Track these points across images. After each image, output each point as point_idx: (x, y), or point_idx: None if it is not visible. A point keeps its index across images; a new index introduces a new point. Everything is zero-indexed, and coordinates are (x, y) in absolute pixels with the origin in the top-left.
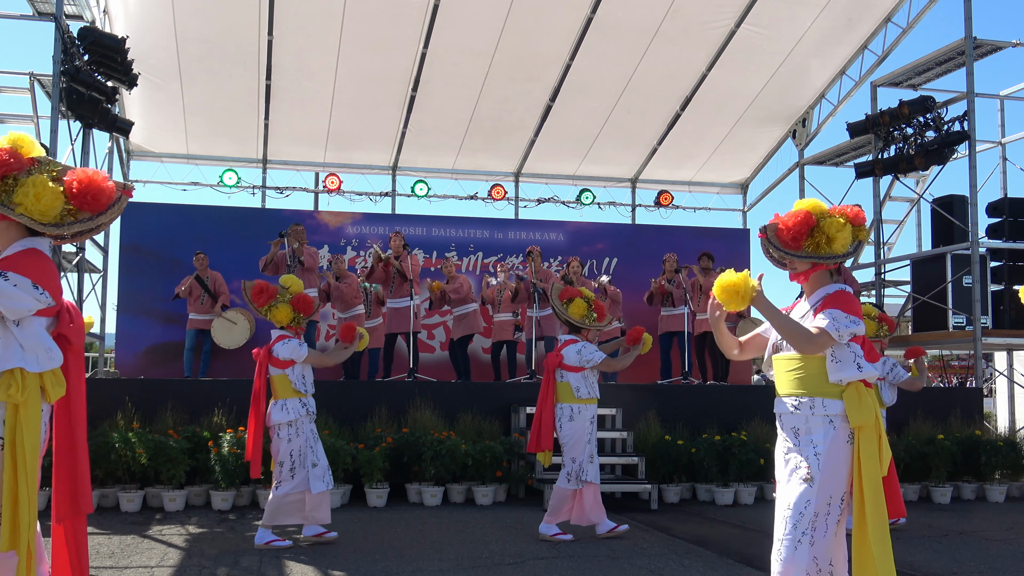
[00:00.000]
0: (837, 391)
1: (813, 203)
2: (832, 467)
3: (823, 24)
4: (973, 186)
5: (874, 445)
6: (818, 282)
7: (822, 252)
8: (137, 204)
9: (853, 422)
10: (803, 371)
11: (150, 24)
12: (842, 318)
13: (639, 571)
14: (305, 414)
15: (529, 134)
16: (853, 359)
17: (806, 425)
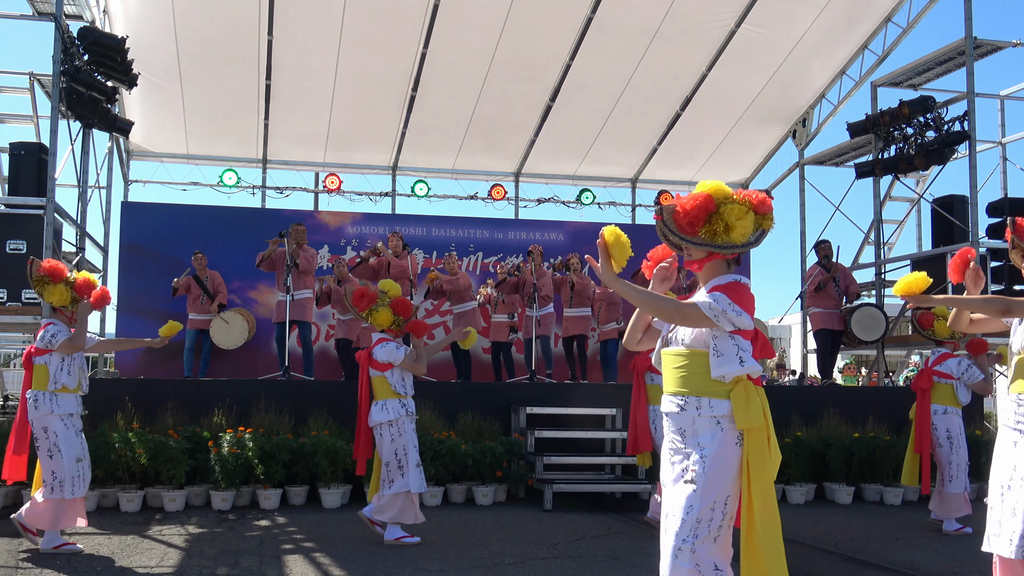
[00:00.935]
0: (724, 390)
1: (716, 186)
2: (718, 469)
3: (823, 24)
4: (973, 186)
5: (763, 447)
6: (713, 272)
7: (719, 240)
8: (137, 204)
9: (740, 424)
10: (688, 368)
11: (150, 24)
12: (724, 301)
13: (639, 571)
14: (405, 414)
15: (529, 134)
16: (736, 352)
17: (693, 427)
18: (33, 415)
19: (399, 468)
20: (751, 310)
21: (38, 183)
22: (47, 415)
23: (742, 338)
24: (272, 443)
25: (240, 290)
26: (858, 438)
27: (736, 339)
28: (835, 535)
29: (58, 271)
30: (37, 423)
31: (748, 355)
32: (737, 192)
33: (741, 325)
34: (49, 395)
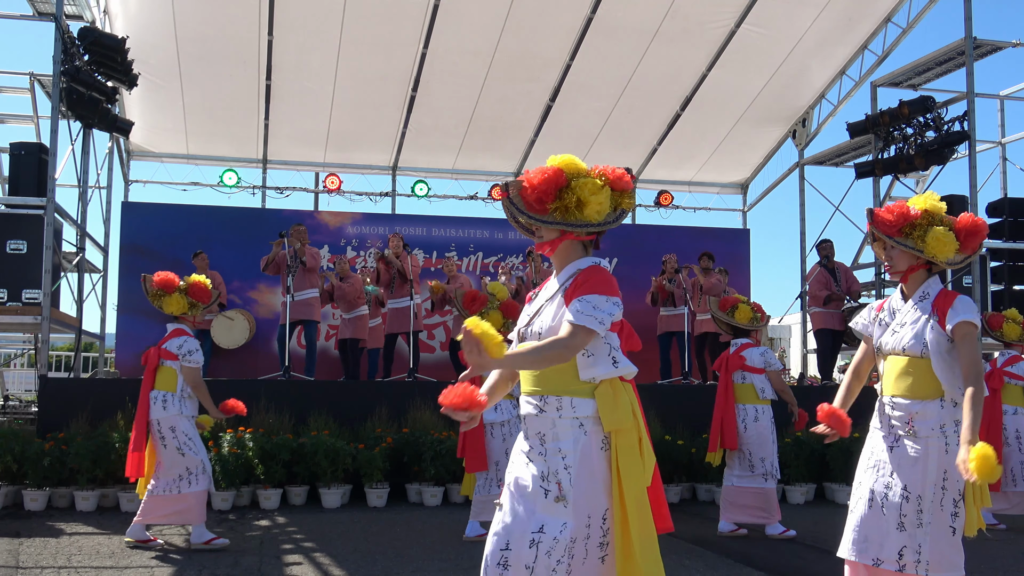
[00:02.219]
0: (588, 389)
1: (567, 159)
2: (586, 480)
3: (823, 24)
4: (973, 186)
5: (634, 451)
6: (567, 255)
7: (571, 218)
8: (137, 204)
9: (607, 425)
10: None
11: (150, 24)
12: (602, 303)
13: None
14: (517, 415)
15: (529, 134)
16: (608, 352)
17: (552, 430)
18: (160, 415)
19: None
20: (619, 292)
21: (38, 183)
22: (176, 415)
23: (613, 334)
24: (272, 443)
25: (240, 290)
26: (859, 438)
27: (609, 337)
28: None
29: (170, 282)
30: (164, 423)
31: (620, 353)
32: (594, 167)
33: (617, 318)
34: (178, 397)
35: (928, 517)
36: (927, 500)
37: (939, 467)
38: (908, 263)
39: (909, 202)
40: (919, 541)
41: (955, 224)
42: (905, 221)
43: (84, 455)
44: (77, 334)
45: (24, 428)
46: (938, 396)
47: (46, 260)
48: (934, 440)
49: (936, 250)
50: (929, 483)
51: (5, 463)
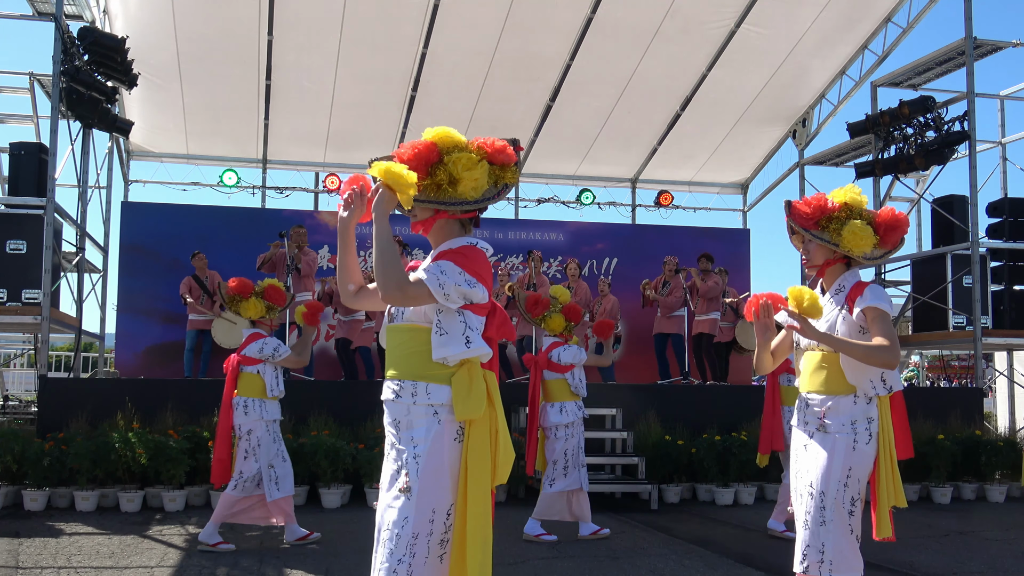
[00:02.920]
0: (445, 374)
1: (442, 132)
2: (434, 473)
3: (823, 24)
4: (973, 186)
5: (485, 445)
6: (442, 235)
7: (444, 196)
8: (137, 204)
9: (458, 413)
10: (408, 346)
11: (150, 24)
12: (453, 272)
13: (639, 571)
14: (581, 416)
15: (529, 134)
16: (462, 331)
17: (407, 417)
18: (241, 420)
19: (564, 469)
20: (487, 280)
21: (38, 183)
22: (256, 420)
23: (473, 314)
24: None
25: None
26: None
27: (465, 315)
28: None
29: (245, 287)
30: (244, 427)
31: (477, 335)
32: (474, 139)
33: (474, 298)
34: (260, 402)
35: (830, 515)
36: (830, 497)
37: (844, 464)
38: (824, 257)
39: (830, 194)
40: (822, 540)
41: (875, 218)
42: (822, 214)
43: (84, 455)
44: (77, 334)
45: (24, 428)
46: (851, 392)
47: (46, 260)
48: (843, 436)
49: (852, 244)
50: (833, 479)
51: (5, 463)
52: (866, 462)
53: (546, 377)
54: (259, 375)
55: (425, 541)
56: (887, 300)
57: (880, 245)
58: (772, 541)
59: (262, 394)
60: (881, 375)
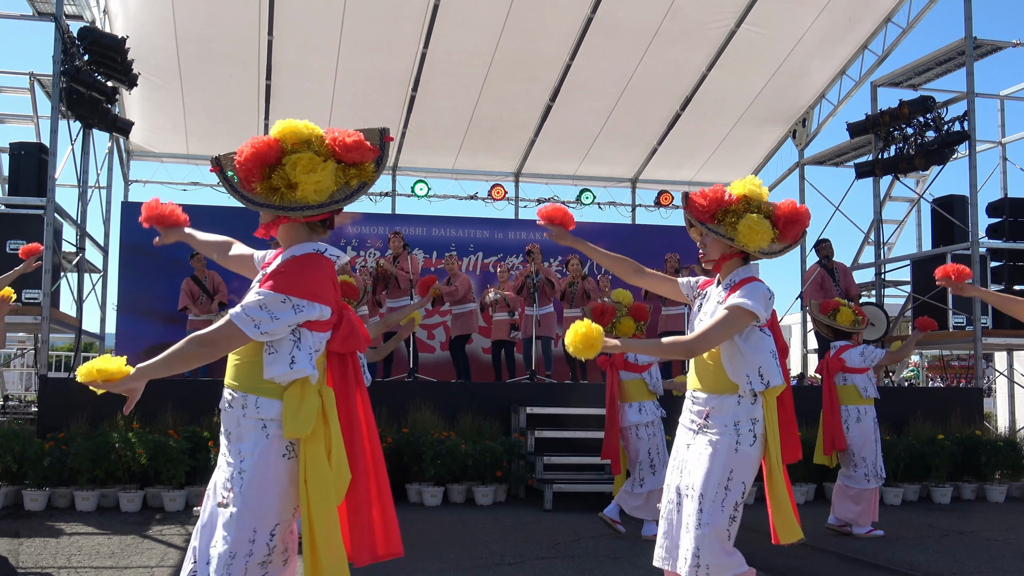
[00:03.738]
0: (277, 388)
1: (287, 128)
2: (258, 489)
3: (823, 24)
4: (973, 186)
5: (321, 461)
6: (288, 239)
7: (284, 201)
8: (137, 204)
9: (285, 431)
10: (243, 355)
11: (150, 24)
12: (274, 304)
13: (639, 571)
14: (661, 416)
15: (529, 134)
16: (289, 351)
17: (237, 429)
18: None
19: (651, 467)
20: (326, 294)
21: (38, 183)
22: None
23: (310, 331)
24: None
25: (240, 290)
26: None
27: (301, 333)
28: (835, 535)
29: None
30: None
31: (305, 356)
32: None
33: (304, 320)
34: None
35: (707, 518)
36: (708, 500)
37: (725, 465)
38: (720, 251)
39: (730, 186)
40: (698, 544)
41: (774, 211)
42: (718, 206)
43: (84, 455)
44: (77, 334)
45: (24, 428)
46: (734, 390)
47: (46, 260)
48: (725, 437)
49: (747, 239)
50: (713, 481)
51: (5, 463)
52: (749, 464)
53: (623, 378)
54: None
55: (243, 562)
56: (758, 300)
57: (780, 239)
58: None
59: None
60: (758, 369)
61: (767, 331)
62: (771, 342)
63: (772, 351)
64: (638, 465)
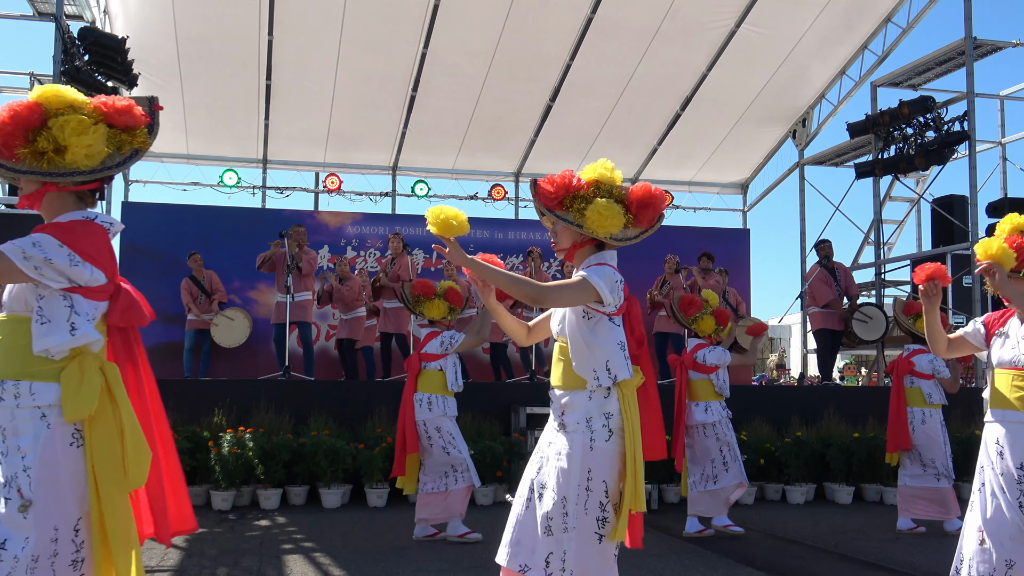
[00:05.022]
0: (52, 370)
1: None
2: (49, 485)
3: (823, 24)
4: (973, 186)
5: (113, 444)
6: (53, 209)
7: (51, 166)
8: (137, 204)
9: (67, 414)
10: (8, 340)
11: (150, 24)
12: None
13: (639, 571)
14: (728, 416)
15: (529, 134)
16: (67, 318)
17: (12, 423)
18: (425, 416)
19: (724, 464)
20: (103, 260)
21: None
22: (441, 416)
23: (84, 298)
24: (272, 443)
25: (240, 290)
26: (858, 438)
27: (73, 299)
28: (835, 535)
29: (428, 288)
30: (430, 424)
31: (85, 321)
32: (93, 99)
33: (79, 279)
34: (443, 398)
35: (573, 521)
36: (571, 502)
37: (583, 465)
38: (571, 240)
39: (581, 171)
40: (564, 548)
41: (627, 195)
42: (567, 192)
43: None
44: None
45: None
46: (583, 386)
47: None
48: (579, 435)
49: (596, 224)
50: (573, 483)
51: None
52: (607, 462)
53: (691, 377)
54: (441, 371)
55: (48, 564)
56: (604, 280)
57: (634, 224)
58: (772, 541)
59: (443, 390)
60: (605, 363)
61: (616, 321)
62: (620, 333)
63: (620, 343)
64: (710, 463)
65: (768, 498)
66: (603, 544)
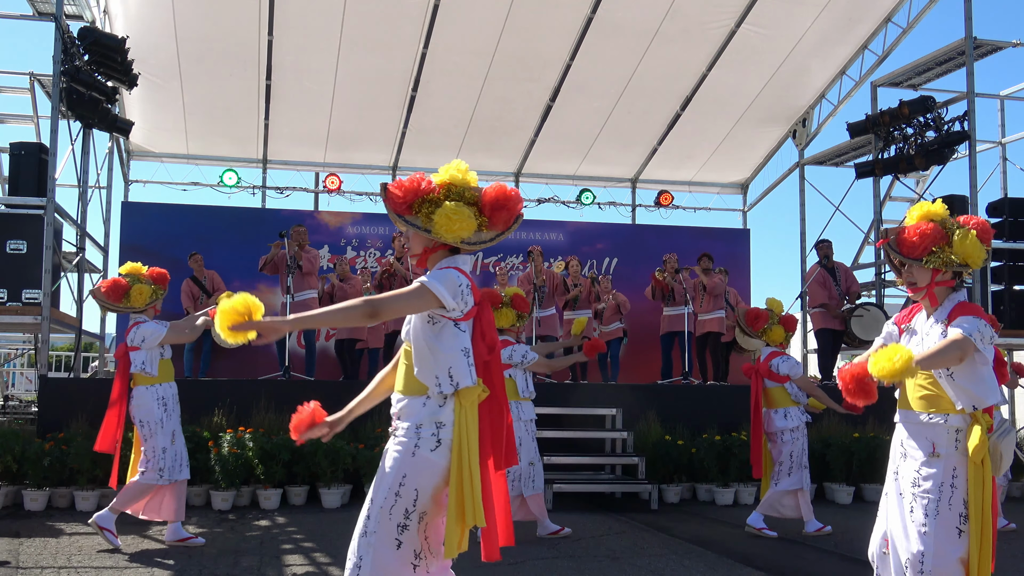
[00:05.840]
0: None
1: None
2: None
3: (823, 24)
4: (973, 186)
5: None
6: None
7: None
8: (137, 204)
9: None
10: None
11: (150, 24)
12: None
13: (639, 571)
14: (806, 421)
15: (529, 134)
16: None
17: None
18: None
19: (788, 470)
20: None
21: (38, 183)
22: (515, 421)
23: None
24: (272, 443)
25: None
26: (858, 438)
27: None
28: (835, 535)
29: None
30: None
31: None
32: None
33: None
34: (515, 404)
35: (374, 526)
36: (376, 506)
37: (399, 470)
38: (423, 244)
39: (435, 173)
40: (361, 554)
41: (480, 197)
42: (415, 196)
43: (84, 455)
44: (77, 334)
45: (24, 428)
46: (423, 392)
47: (46, 260)
48: (406, 441)
49: (444, 229)
50: (385, 487)
51: (5, 463)
52: (427, 471)
53: (767, 385)
54: (511, 378)
55: None
56: (443, 284)
57: (489, 227)
58: (772, 541)
59: (515, 395)
60: (448, 369)
61: (463, 327)
62: (465, 339)
63: (464, 349)
64: (778, 467)
65: None
66: (401, 551)
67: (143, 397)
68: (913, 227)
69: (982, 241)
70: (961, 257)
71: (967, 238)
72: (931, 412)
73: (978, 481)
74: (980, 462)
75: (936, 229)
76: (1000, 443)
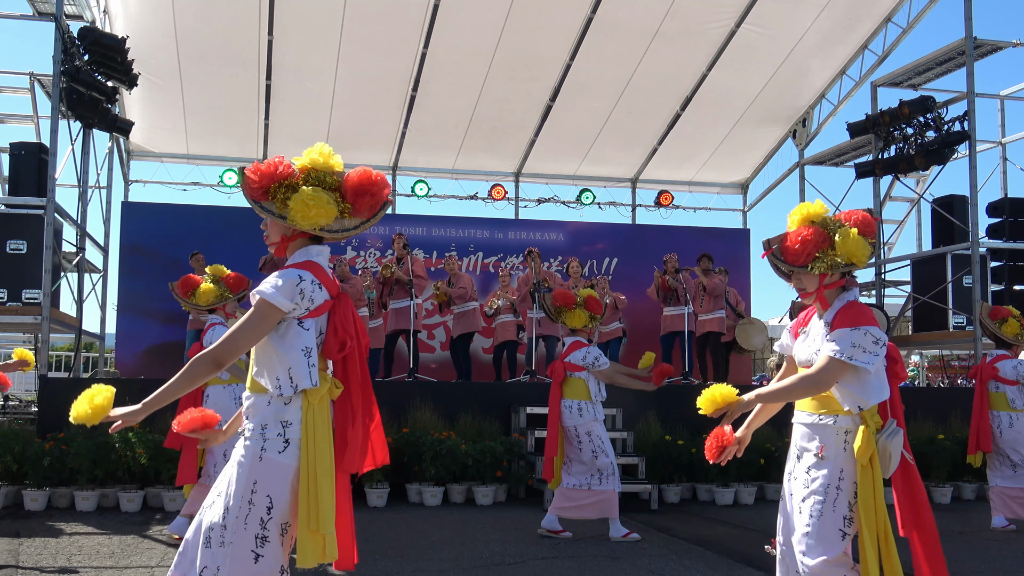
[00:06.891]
0: None
1: None
2: None
3: (823, 24)
4: (973, 186)
5: None
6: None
7: None
8: (137, 204)
9: None
10: None
11: (150, 24)
12: None
13: (639, 571)
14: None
15: (529, 134)
16: None
17: None
18: (576, 421)
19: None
20: None
21: (38, 183)
22: (592, 421)
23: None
24: None
25: None
26: None
27: None
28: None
29: (569, 298)
30: (581, 428)
31: None
32: None
33: None
34: (590, 404)
35: (231, 536)
36: (232, 515)
37: (250, 476)
38: (280, 233)
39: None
40: (219, 563)
41: (342, 182)
42: (271, 180)
43: (84, 455)
44: (77, 334)
45: (24, 428)
46: (266, 391)
47: (46, 260)
48: (253, 442)
49: (300, 215)
50: (237, 494)
51: (5, 463)
52: (278, 475)
53: (991, 389)
54: (583, 380)
55: None
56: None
57: (352, 214)
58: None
59: (588, 396)
60: (288, 370)
61: (307, 325)
62: (308, 338)
63: (305, 348)
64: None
65: (768, 498)
66: (259, 565)
67: (220, 396)
68: (794, 234)
69: (864, 236)
70: (845, 257)
71: (849, 237)
72: (821, 413)
73: (867, 482)
74: (868, 462)
75: (817, 232)
76: (889, 443)
